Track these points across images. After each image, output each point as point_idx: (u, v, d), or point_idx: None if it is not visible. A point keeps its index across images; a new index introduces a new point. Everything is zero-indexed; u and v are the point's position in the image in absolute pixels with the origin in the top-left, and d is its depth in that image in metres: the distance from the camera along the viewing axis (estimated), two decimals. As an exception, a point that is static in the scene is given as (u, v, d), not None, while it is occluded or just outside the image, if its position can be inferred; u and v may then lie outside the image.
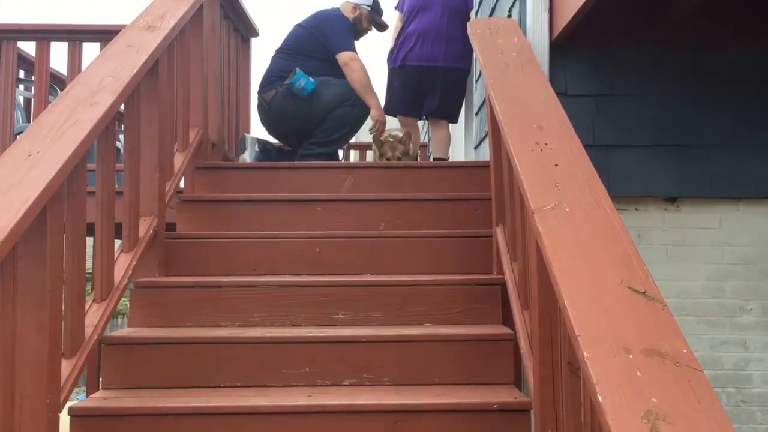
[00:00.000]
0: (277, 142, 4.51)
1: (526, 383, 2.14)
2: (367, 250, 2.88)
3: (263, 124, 4.31)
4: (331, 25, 4.30)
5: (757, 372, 3.02)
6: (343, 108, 4.10)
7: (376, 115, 4.24)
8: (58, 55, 3.97)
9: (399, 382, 2.31)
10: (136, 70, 2.41)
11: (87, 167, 2.15)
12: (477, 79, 4.47)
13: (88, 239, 2.24)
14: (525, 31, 3.06)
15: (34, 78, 4.06)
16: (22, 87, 4.64)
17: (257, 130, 4.85)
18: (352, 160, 6.95)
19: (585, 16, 2.71)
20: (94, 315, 2.24)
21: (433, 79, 4.54)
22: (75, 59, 3.90)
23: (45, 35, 3.95)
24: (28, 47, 4.17)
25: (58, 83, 4.42)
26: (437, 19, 4.54)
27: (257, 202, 3.18)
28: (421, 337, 2.40)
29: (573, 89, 3.05)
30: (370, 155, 6.77)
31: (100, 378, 2.49)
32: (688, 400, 1.15)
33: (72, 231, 2.10)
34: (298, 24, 4.36)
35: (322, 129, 4.09)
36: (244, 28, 4.33)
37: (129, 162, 2.57)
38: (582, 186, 1.77)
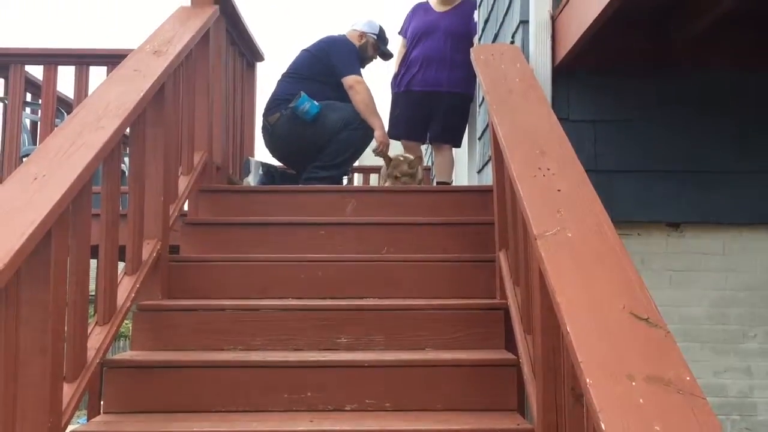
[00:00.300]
0: (281, 165, 4.53)
1: (529, 410, 2.12)
2: (370, 274, 2.88)
3: (267, 147, 4.33)
4: (339, 49, 4.34)
5: (762, 399, 2.99)
6: (347, 131, 4.12)
7: (380, 136, 4.25)
8: (66, 78, 4.00)
9: (401, 408, 2.29)
10: (142, 95, 2.43)
11: (92, 190, 2.16)
12: (480, 104, 4.49)
13: (92, 261, 2.24)
14: (528, 56, 3.08)
15: (41, 101, 4.09)
16: (28, 110, 4.67)
17: (262, 154, 4.88)
18: (355, 183, 6.96)
19: (587, 42, 2.73)
20: (96, 338, 2.24)
21: (437, 104, 4.58)
22: (82, 83, 3.93)
23: (52, 59, 3.98)
24: (36, 71, 4.21)
25: (65, 107, 4.45)
26: (441, 45, 4.58)
27: (261, 225, 3.18)
28: (424, 362, 2.39)
29: (575, 114, 3.05)
30: (374, 179, 6.79)
31: (102, 401, 2.48)
32: (690, 428, 1.14)
33: (76, 254, 2.10)
34: (305, 49, 4.40)
35: (326, 152, 4.10)
36: (249, 53, 4.37)
37: (133, 185, 2.58)
38: (584, 211, 1.77)
